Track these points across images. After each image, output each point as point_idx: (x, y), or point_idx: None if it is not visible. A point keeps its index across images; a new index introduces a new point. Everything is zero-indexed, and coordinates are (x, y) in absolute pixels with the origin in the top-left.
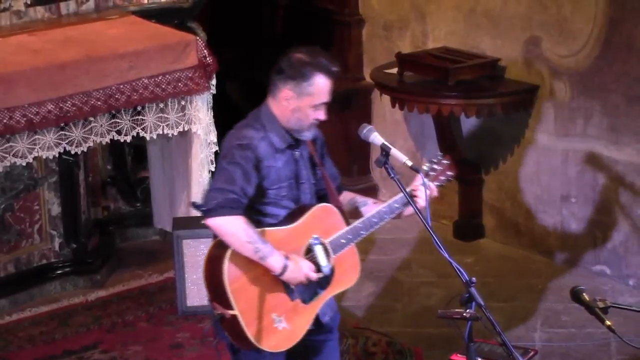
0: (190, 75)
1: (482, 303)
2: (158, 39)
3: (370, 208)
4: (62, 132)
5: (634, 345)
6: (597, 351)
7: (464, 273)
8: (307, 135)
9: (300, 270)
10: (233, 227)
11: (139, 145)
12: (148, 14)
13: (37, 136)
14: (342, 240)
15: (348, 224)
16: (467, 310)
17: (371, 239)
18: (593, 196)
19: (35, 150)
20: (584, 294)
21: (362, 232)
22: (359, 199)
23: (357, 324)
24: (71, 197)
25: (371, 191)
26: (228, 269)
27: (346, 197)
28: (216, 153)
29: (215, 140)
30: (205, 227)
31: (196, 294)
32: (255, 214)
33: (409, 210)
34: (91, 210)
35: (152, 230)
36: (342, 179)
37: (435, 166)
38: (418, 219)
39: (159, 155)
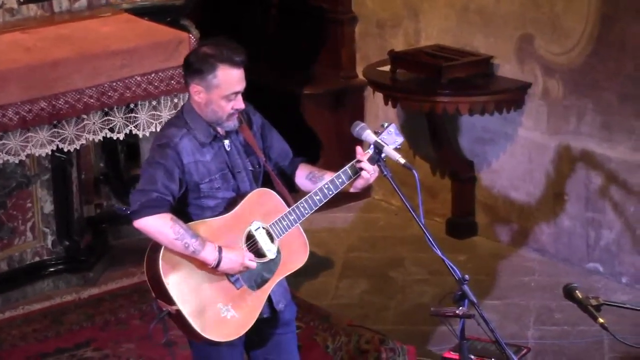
0: (183, 72)
1: (474, 300)
2: (151, 36)
3: (320, 184)
4: (55, 130)
5: (627, 343)
6: (590, 349)
7: (456, 270)
8: (230, 126)
9: (235, 260)
10: (159, 226)
11: (132, 143)
12: (141, 12)
13: (29, 134)
14: (285, 222)
15: (290, 205)
16: (460, 308)
17: (364, 237)
18: (586, 194)
19: (28, 147)
20: (577, 291)
21: (306, 211)
22: (317, 173)
23: (350, 322)
24: (64, 194)
25: (364, 189)
26: (162, 265)
27: (304, 171)
28: None
29: None
30: None
31: None
32: (194, 208)
33: (359, 183)
34: (84, 208)
35: None
36: None
37: (382, 135)
38: (412, 216)
39: None
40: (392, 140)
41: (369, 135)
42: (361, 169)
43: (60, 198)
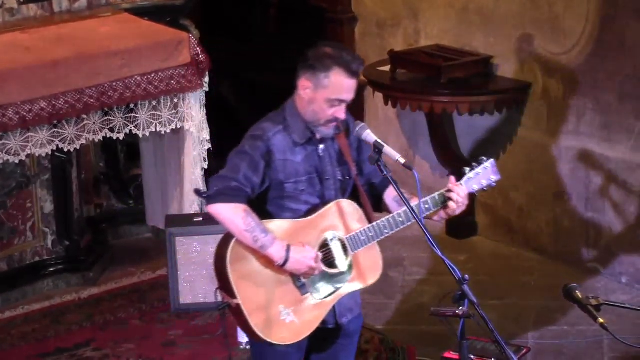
0: (183, 72)
1: (474, 300)
2: (151, 36)
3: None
4: (55, 130)
5: (627, 343)
6: (589, 349)
7: (456, 271)
8: (325, 132)
9: (302, 262)
10: (231, 215)
11: (132, 143)
12: (141, 12)
13: (29, 134)
14: (363, 237)
15: (371, 221)
16: (460, 308)
17: None
18: (586, 194)
19: (28, 147)
20: (577, 291)
21: (386, 230)
22: (406, 196)
23: None
24: (64, 194)
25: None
26: (231, 257)
27: (393, 192)
28: (209, 151)
29: (208, 137)
30: (198, 224)
31: (189, 292)
32: (275, 208)
33: (443, 213)
34: (84, 208)
35: (145, 227)
36: None
37: (477, 169)
38: (412, 216)
39: (151, 153)
40: (487, 176)
41: (368, 135)
42: (450, 199)
43: (60, 198)
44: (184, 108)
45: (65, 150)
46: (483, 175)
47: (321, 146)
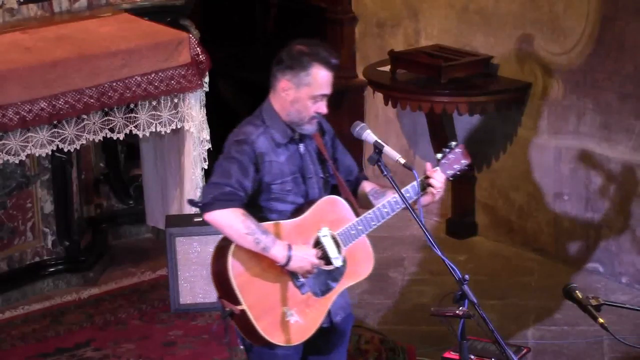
0: (183, 72)
1: (474, 300)
2: (151, 36)
3: (386, 198)
4: (55, 130)
5: (627, 343)
6: (589, 349)
7: (456, 271)
8: (309, 129)
9: (305, 259)
10: (230, 220)
11: (132, 143)
12: (141, 12)
13: (29, 134)
14: (352, 232)
15: (358, 215)
16: (460, 308)
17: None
18: (586, 194)
19: (28, 148)
20: (577, 291)
21: (373, 222)
22: (378, 190)
23: None
24: (64, 194)
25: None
26: (232, 263)
27: (366, 188)
28: (209, 151)
29: (208, 138)
30: (198, 224)
31: (189, 292)
32: (262, 210)
33: (425, 200)
34: (84, 208)
35: (145, 228)
36: None
37: (449, 155)
38: (411, 216)
39: (151, 153)
40: (458, 160)
41: (369, 135)
42: (429, 185)
43: (60, 198)
44: (184, 108)
45: (65, 150)
46: (455, 159)
47: (301, 145)
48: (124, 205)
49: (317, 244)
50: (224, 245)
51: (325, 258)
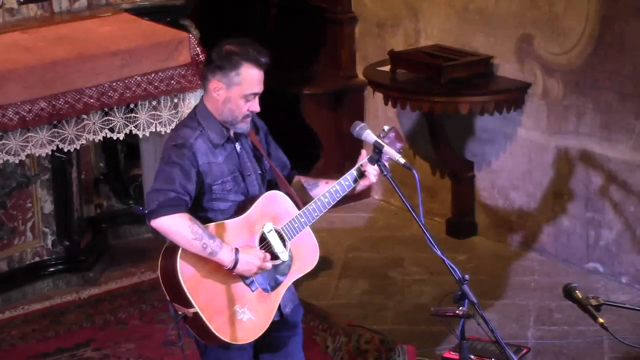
0: (183, 72)
1: (474, 300)
2: (151, 36)
3: (321, 189)
4: (55, 130)
5: (627, 343)
6: (589, 349)
7: (456, 270)
8: (243, 128)
9: (252, 262)
10: (177, 226)
11: (132, 143)
12: (141, 12)
13: (29, 134)
14: (296, 224)
15: (300, 207)
16: (460, 308)
17: (364, 237)
18: (585, 194)
19: (28, 147)
20: (577, 291)
21: (315, 213)
22: (311, 181)
23: (350, 322)
24: (64, 194)
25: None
26: (181, 267)
27: (298, 182)
28: None
29: None
30: None
31: None
32: (204, 211)
33: (363, 183)
34: (84, 208)
35: (145, 228)
36: (335, 175)
37: (384, 140)
38: (411, 216)
39: (151, 153)
40: (394, 145)
41: (369, 135)
42: (365, 171)
43: (60, 198)
44: (184, 108)
45: (65, 150)
46: (390, 144)
47: (237, 144)
48: (124, 205)
49: (263, 239)
50: (171, 248)
51: (272, 253)
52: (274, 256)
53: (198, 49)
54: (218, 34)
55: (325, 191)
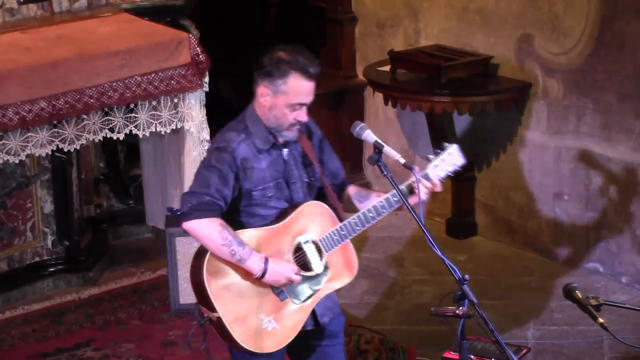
0: (183, 72)
1: (474, 300)
2: (151, 36)
3: (370, 202)
4: (55, 130)
5: (627, 343)
6: (589, 349)
7: (456, 270)
8: (289, 136)
9: (281, 273)
10: (207, 230)
11: (132, 143)
12: (141, 12)
13: (29, 134)
14: (335, 237)
15: (342, 220)
16: (460, 308)
17: (364, 237)
18: (586, 194)
19: (28, 147)
20: (577, 291)
21: (357, 227)
22: (363, 192)
23: (350, 322)
24: (64, 194)
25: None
26: (207, 271)
27: (350, 191)
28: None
29: (208, 138)
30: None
31: (189, 292)
32: (244, 216)
33: (412, 200)
34: (84, 208)
35: (145, 228)
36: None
37: (441, 156)
38: (412, 216)
39: (151, 153)
40: (451, 162)
41: (369, 135)
42: (415, 188)
43: (60, 198)
44: (184, 108)
45: (65, 150)
46: (448, 161)
47: (285, 150)
48: (124, 205)
49: (299, 249)
50: (201, 253)
51: (306, 264)
52: (308, 267)
53: (198, 49)
54: (218, 34)
55: (371, 206)
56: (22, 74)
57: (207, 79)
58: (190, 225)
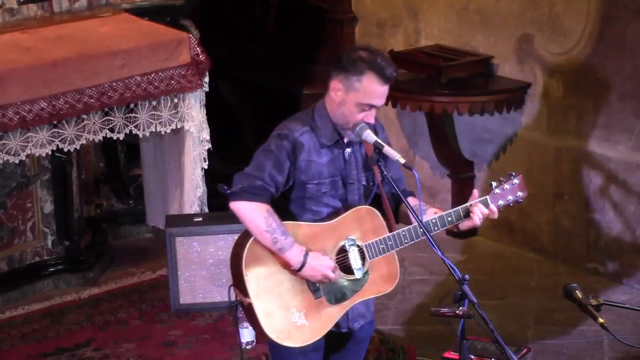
0: (183, 72)
1: (474, 301)
2: (151, 36)
3: (425, 217)
4: (55, 130)
5: (627, 343)
6: (589, 349)
7: (456, 271)
8: (353, 136)
9: (318, 270)
10: (253, 213)
11: (132, 143)
12: (141, 12)
13: (29, 134)
14: (382, 246)
15: (392, 230)
16: (460, 308)
17: None
18: (586, 194)
19: (28, 147)
20: (577, 291)
21: (405, 240)
22: (422, 207)
23: None
24: (64, 194)
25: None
26: (247, 255)
27: (411, 203)
28: (209, 151)
29: (208, 137)
30: (198, 224)
31: (189, 292)
32: (296, 208)
33: (466, 224)
34: (84, 208)
35: (145, 228)
36: None
37: (504, 185)
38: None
39: (151, 153)
40: (514, 192)
41: (369, 135)
42: (471, 212)
43: (60, 198)
44: (184, 108)
45: (65, 150)
46: (510, 191)
47: (348, 150)
48: (124, 205)
49: (342, 251)
50: (244, 236)
51: (347, 267)
52: (349, 271)
53: (198, 49)
54: (218, 34)
55: (425, 222)
56: (22, 74)
57: (207, 79)
58: (237, 205)
